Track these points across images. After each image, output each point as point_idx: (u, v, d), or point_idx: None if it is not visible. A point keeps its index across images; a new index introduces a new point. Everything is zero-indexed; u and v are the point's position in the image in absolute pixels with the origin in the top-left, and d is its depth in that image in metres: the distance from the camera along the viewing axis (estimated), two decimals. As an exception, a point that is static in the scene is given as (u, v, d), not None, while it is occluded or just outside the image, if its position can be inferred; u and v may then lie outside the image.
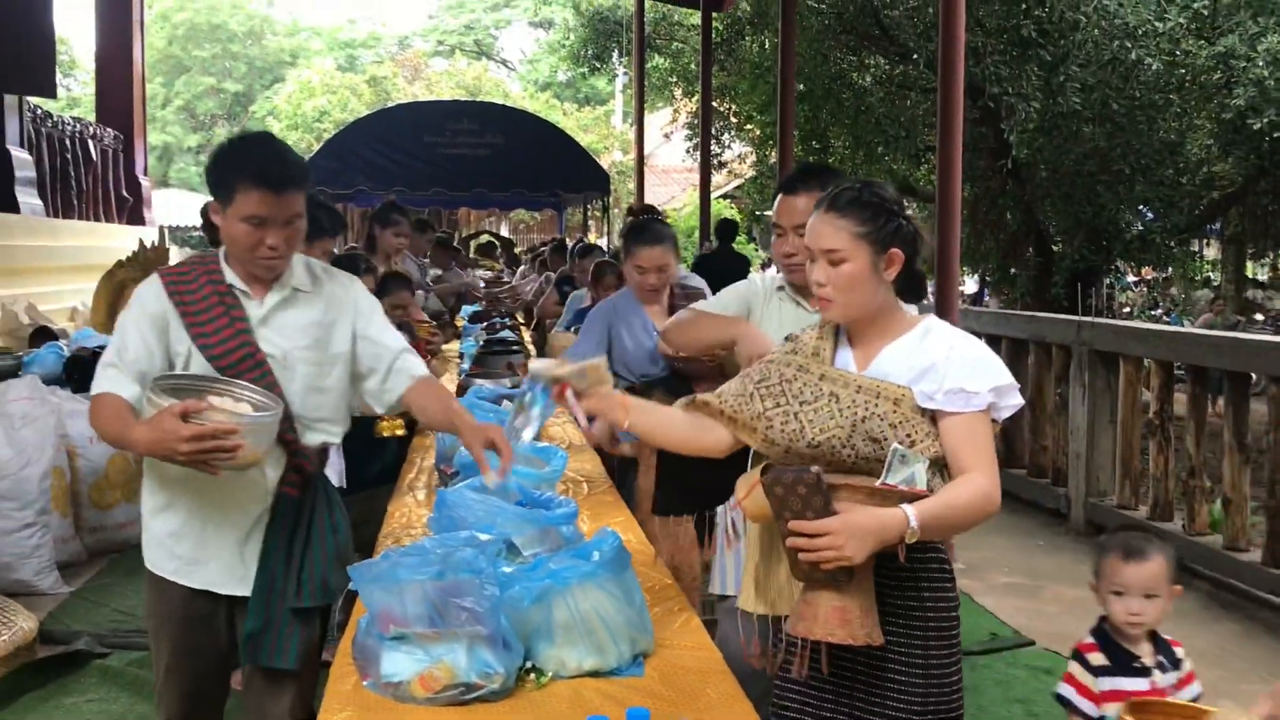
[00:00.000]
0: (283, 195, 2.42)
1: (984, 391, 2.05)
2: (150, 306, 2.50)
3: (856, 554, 1.89)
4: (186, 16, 38.56)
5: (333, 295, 2.64)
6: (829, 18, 12.58)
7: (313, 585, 2.57)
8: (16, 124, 7.92)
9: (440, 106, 15.98)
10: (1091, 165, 10.96)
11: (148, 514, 2.62)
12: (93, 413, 2.46)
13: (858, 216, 2.10)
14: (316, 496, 2.64)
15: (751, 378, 2.21)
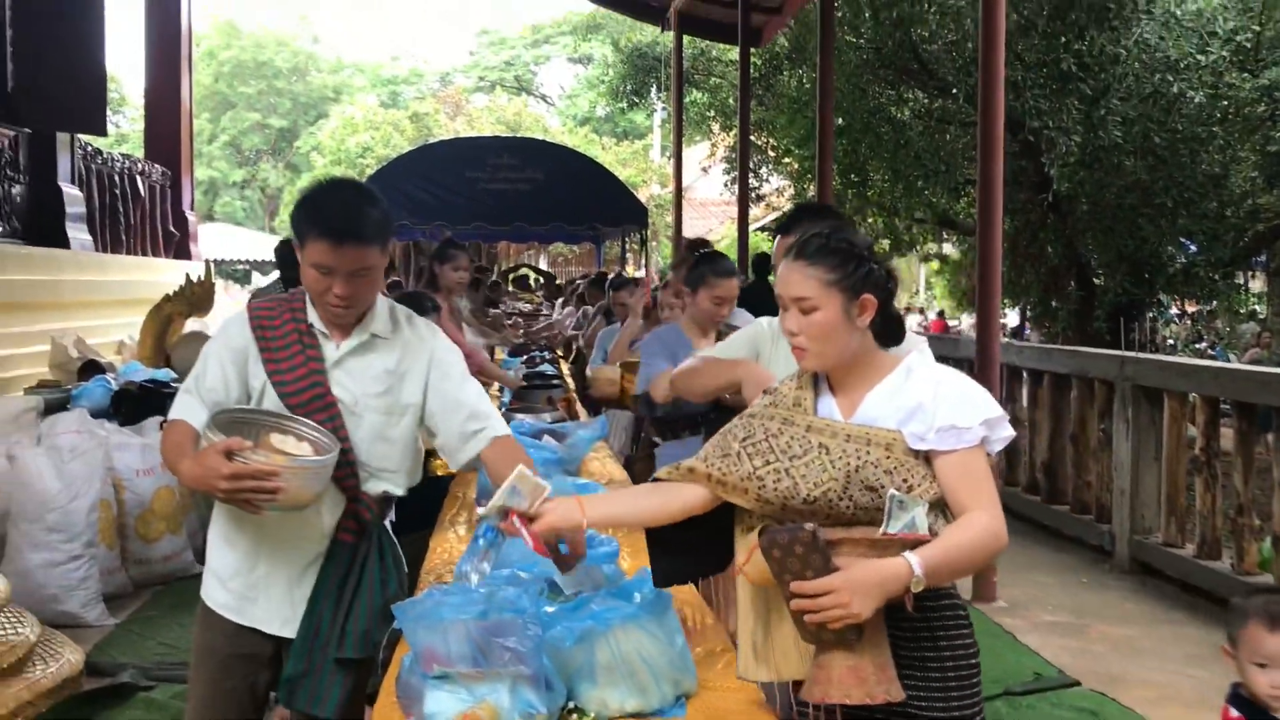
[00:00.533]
0: (343, 247, 2.41)
1: (975, 426, 2.01)
2: (234, 339, 2.55)
3: (863, 609, 1.84)
4: (233, 54, 39.30)
5: (409, 344, 2.63)
6: (867, 52, 12.62)
7: (355, 637, 2.54)
8: (68, 161, 8.08)
9: (481, 142, 16.17)
10: (1133, 198, 10.87)
11: (210, 545, 2.65)
12: (164, 436, 2.51)
13: (827, 264, 2.06)
14: (371, 545, 2.62)
15: (735, 436, 2.14)
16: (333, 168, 29.61)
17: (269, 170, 40.41)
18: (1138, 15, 10.49)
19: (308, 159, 35.90)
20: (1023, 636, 5.38)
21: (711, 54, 18.19)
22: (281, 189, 37.04)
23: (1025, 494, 7.81)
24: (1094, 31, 10.38)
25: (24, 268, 6.61)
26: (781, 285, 2.11)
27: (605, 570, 2.44)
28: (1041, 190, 11.38)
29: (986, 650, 4.99)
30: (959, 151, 12.42)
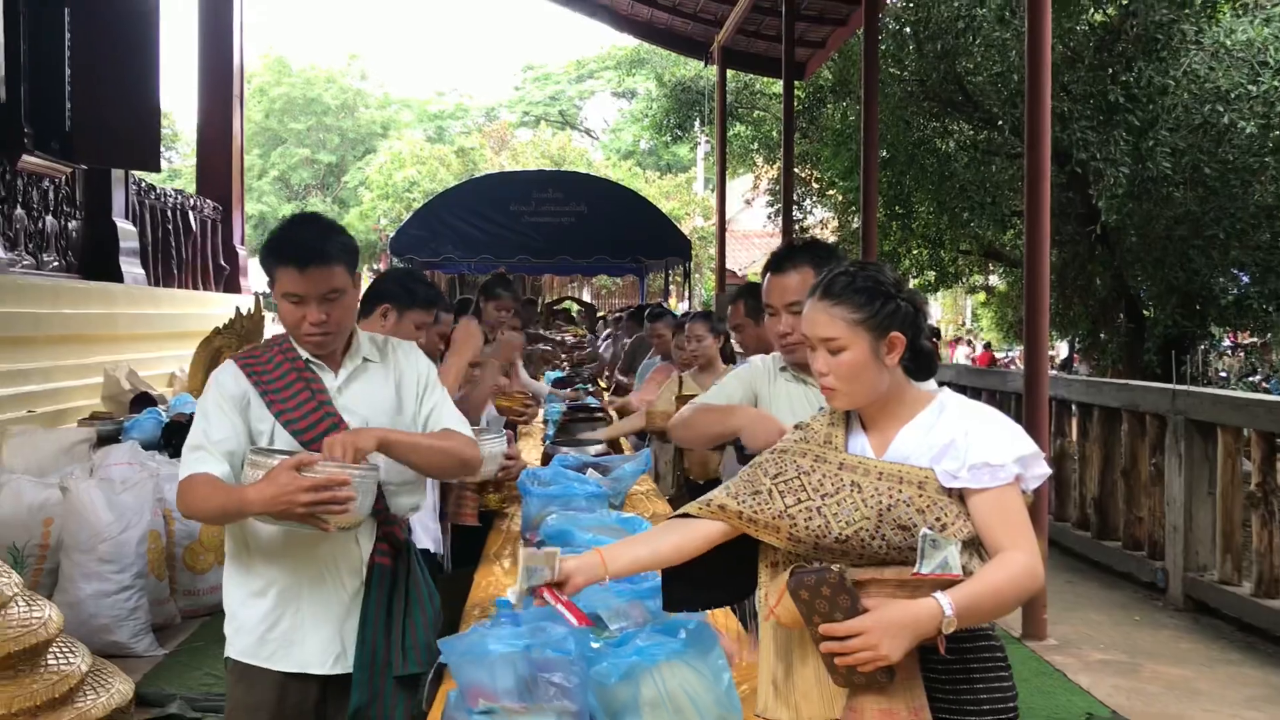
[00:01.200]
0: (309, 270, 2.45)
1: (1009, 463, 1.96)
2: (230, 388, 2.53)
3: (893, 652, 1.79)
4: (283, 91, 39.94)
5: (399, 363, 2.69)
6: (911, 85, 12.62)
7: (417, 651, 2.57)
8: (122, 197, 8.24)
9: (526, 176, 16.31)
10: (1184, 230, 10.75)
11: (235, 605, 2.59)
12: (186, 494, 2.44)
13: (853, 302, 2.02)
14: (411, 563, 2.65)
15: (766, 472, 2.08)
16: (380, 202, 29.98)
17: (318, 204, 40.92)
18: (1186, 46, 10.41)
19: (355, 193, 36.37)
20: (1074, 675, 5.28)
21: (755, 87, 18.26)
22: (330, 223, 37.47)
23: (1075, 529, 7.70)
24: (1142, 63, 10.32)
25: (80, 301, 6.74)
26: (808, 325, 2.08)
27: (649, 605, 2.42)
28: (1089, 222, 11.29)
29: (1037, 689, 4.94)
30: (1005, 183, 12.36)
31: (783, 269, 2.79)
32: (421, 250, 12.43)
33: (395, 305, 3.41)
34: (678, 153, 33.68)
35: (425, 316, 3.47)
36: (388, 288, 3.49)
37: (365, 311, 3.44)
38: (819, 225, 18.04)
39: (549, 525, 3.15)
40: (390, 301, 3.41)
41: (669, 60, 24.69)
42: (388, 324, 3.39)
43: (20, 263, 6.83)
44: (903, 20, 12.80)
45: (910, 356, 2.06)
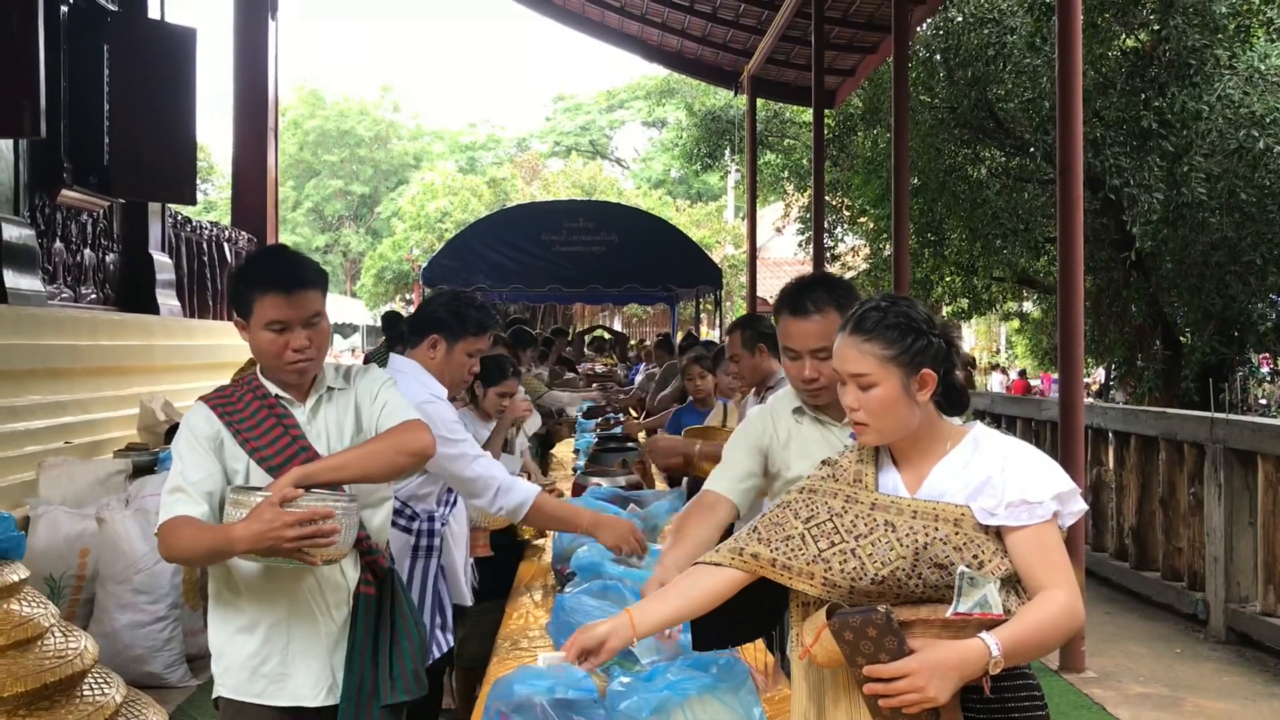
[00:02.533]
0: (295, 295, 2.48)
1: (1047, 500, 1.93)
2: (202, 429, 2.52)
3: (940, 693, 1.78)
4: (317, 123, 40.47)
5: (359, 385, 2.68)
6: (942, 112, 12.61)
7: (405, 680, 2.59)
8: (159, 229, 8.33)
9: (557, 206, 16.38)
10: (1220, 256, 10.65)
11: (222, 642, 2.58)
12: (168, 538, 2.41)
13: (884, 339, 2.00)
14: (395, 591, 2.64)
15: (797, 514, 2.04)
16: (412, 232, 30.19)
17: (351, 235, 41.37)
18: (1220, 71, 10.35)
19: (388, 224, 36.68)
20: (1113, 709, 5.19)
21: (785, 116, 18.30)
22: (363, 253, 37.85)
23: (1113, 560, 7.59)
24: (1175, 88, 10.26)
25: (116, 333, 6.81)
26: (839, 361, 2.06)
27: (681, 639, 2.41)
28: (1124, 248, 11.20)
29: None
30: (1038, 209, 12.30)
31: (806, 312, 2.72)
32: (453, 280, 12.49)
33: (444, 336, 3.35)
34: (708, 181, 33.80)
35: (479, 344, 3.41)
36: (436, 314, 3.41)
37: (413, 343, 3.40)
38: (850, 253, 18.01)
39: (580, 557, 3.14)
40: (439, 331, 3.35)
41: (699, 90, 24.83)
42: (436, 356, 3.34)
43: (59, 295, 6.92)
44: (933, 48, 12.80)
45: (942, 392, 2.04)
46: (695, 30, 14.19)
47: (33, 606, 3.47)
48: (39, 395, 5.70)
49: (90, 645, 3.64)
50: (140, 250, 8.03)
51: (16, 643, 3.26)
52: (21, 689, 3.16)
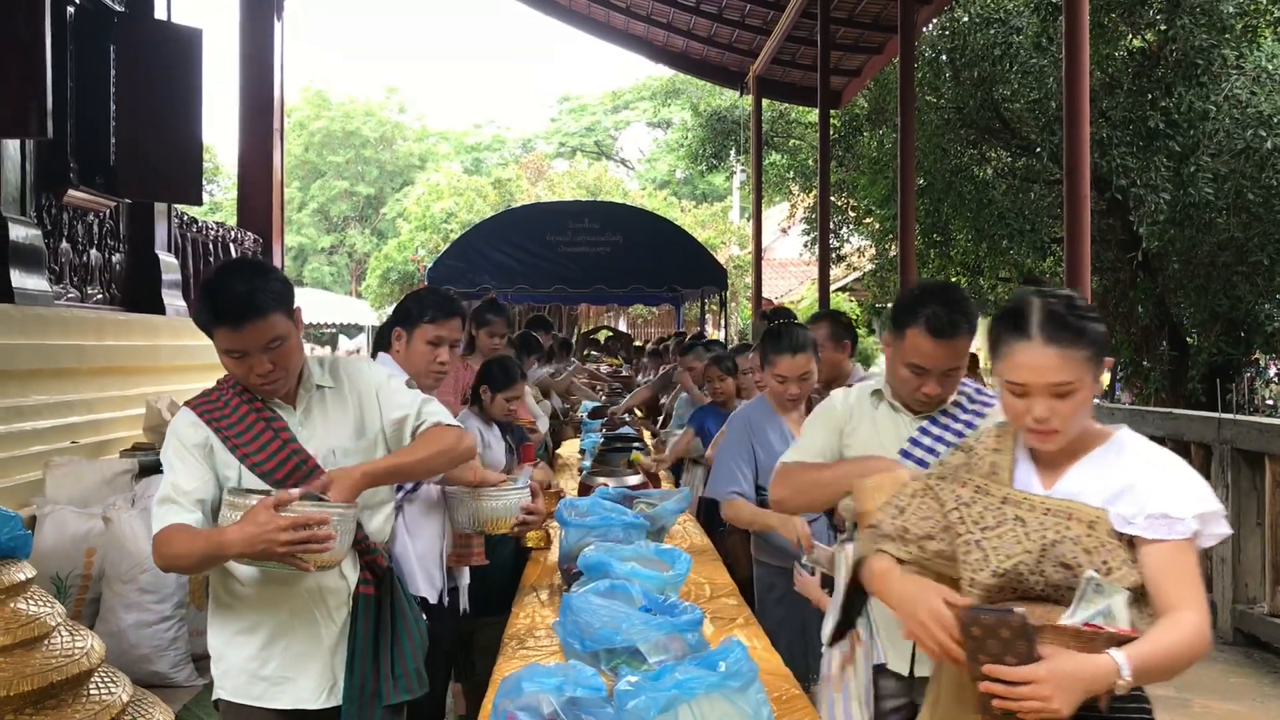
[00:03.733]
0: (244, 327, 2.39)
1: (1189, 518, 1.86)
2: (190, 437, 2.48)
3: (1064, 706, 1.72)
4: (322, 124, 40.49)
5: (354, 380, 2.66)
6: (948, 112, 12.59)
7: (408, 679, 2.58)
8: (165, 230, 8.32)
9: (562, 206, 16.40)
10: (1227, 256, 10.62)
11: (221, 645, 2.56)
12: (163, 547, 2.40)
13: (1080, 339, 1.90)
14: (394, 591, 2.63)
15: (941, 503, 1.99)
16: (418, 233, 30.20)
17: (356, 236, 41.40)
18: (1227, 71, 10.33)
19: (394, 225, 36.71)
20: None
21: (790, 116, 18.30)
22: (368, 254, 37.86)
23: (1120, 560, 7.57)
24: (1182, 88, 10.24)
25: (122, 333, 6.81)
26: (1034, 373, 1.91)
27: (689, 639, 2.40)
28: (1130, 249, 11.18)
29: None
30: (1044, 210, 12.28)
31: (953, 335, 2.58)
32: (459, 281, 12.51)
33: (404, 326, 3.36)
34: (713, 182, 33.77)
35: (439, 330, 3.35)
36: (399, 306, 3.46)
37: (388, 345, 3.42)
38: (856, 253, 18.00)
39: (587, 556, 3.13)
40: (400, 324, 3.37)
41: (704, 90, 24.82)
42: (401, 348, 3.35)
43: (65, 295, 6.92)
44: (939, 48, 12.78)
45: None
46: (701, 31, 14.20)
47: (39, 605, 3.47)
48: (45, 395, 5.70)
49: (97, 644, 3.63)
50: (146, 250, 8.02)
51: (23, 641, 3.26)
52: (28, 688, 3.16)
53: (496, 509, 3.34)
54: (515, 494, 3.38)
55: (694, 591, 3.43)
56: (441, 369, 3.32)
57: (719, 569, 3.81)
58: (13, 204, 6.17)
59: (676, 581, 3.04)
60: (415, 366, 3.31)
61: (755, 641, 2.89)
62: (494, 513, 3.35)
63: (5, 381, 5.31)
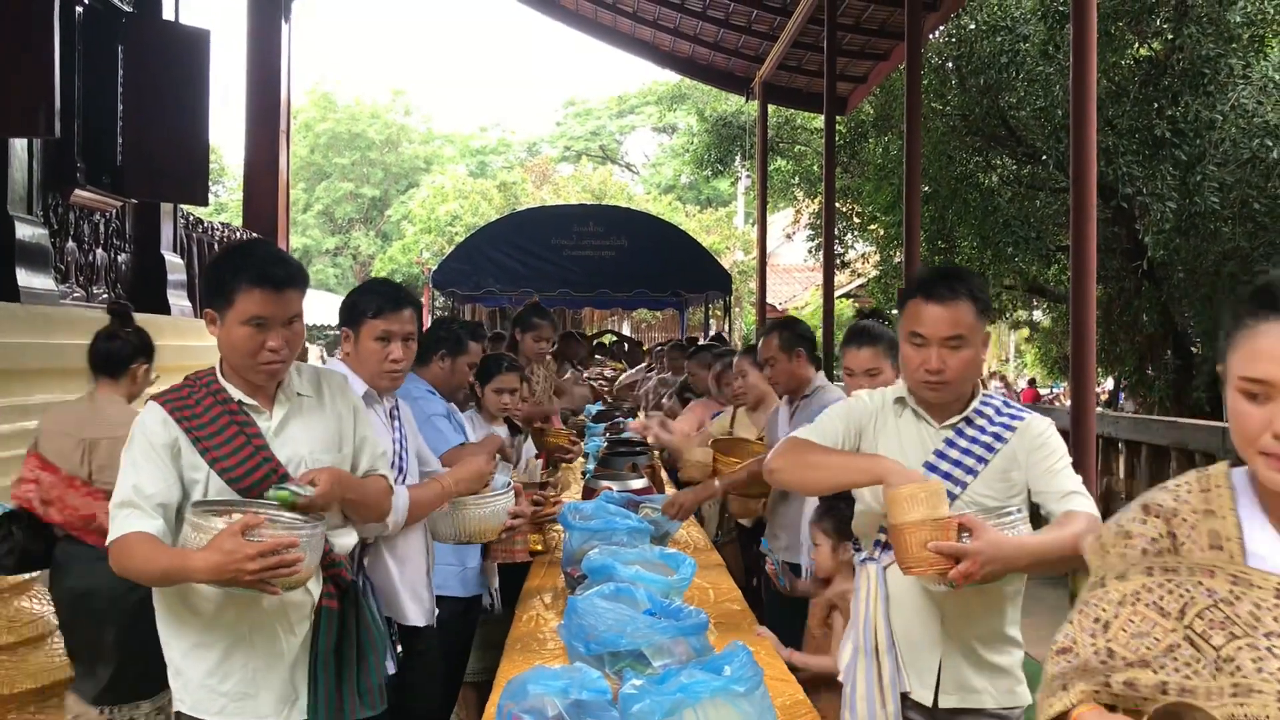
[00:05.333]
0: (284, 294, 2.36)
1: None
2: (158, 436, 2.35)
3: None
4: (328, 126, 40.54)
5: (333, 396, 2.59)
6: (954, 119, 12.59)
7: (371, 695, 2.50)
8: (170, 230, 8.34)
9: (567, 210, 16.41)
10: (1232, 266, 10.61)
11: (178, 657, 2.42)
12: (121, 557, 2.27)
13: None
14: (358, 603, 2.54)
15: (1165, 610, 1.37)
16: (422, 235, 30.27)
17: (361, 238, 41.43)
18: (1234, 80, 10.33)
19: (398, 227, 36.76)
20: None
21: (796, 122, 18.30)
22: (373, 256, 37.93)
23: (1123, 569, 7.56)
24: (1188, 97, 10.24)
25: (127, 333, 6.82)
26: (1269, 366, 1.38)
27: (693, 643, 2.40)
28: (1135, 257, 11.18)
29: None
30: (1049, 218, 12.28)
31: (941, 298, 2.46)
32: (463, 284, 12.53)
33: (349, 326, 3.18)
34: (718, 187, 33.78)
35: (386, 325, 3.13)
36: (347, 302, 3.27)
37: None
38: (860, 259, 18.00)
39: (591, 560, 3.13)
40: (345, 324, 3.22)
41: (710, 95, 24.84)
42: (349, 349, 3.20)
43: (71, 294, 6.93)
44: (945, 55, 12.79)
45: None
46: (707, 36, 14.21)
47: (43, 604, 3.48)
48: (50, 394, 5.70)
49: (100, 641, 3.64)
50: (152, 250, 8.03)
51: (27, 640, 3.27)
52: (32, 685, 3.17)
53: (484, 517, 3.30)
54: (501, 499, 3.32)
55: (698, 596, 3.43)
56: (395, 367, 3.06)
57: (723, 574, 3.81)
58: (20, 203, 6.18)
59: (681, 585, 3.04)
60: (366, 368, 3.08)
61: (759, 647, 2.88)
62: (480, 521, 3.31)
63: (10, 380, 5.31)
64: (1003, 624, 2.56)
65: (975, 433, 2.52)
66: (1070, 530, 2.30)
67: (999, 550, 2.20)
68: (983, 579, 2.20)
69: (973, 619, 2.53)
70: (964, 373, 2.49)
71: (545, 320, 5.54)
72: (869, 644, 2.55)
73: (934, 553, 2.17)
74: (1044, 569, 2.37)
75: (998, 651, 2.55)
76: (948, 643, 2.52)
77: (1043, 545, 2.29)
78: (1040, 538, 2.32)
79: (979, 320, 2.49)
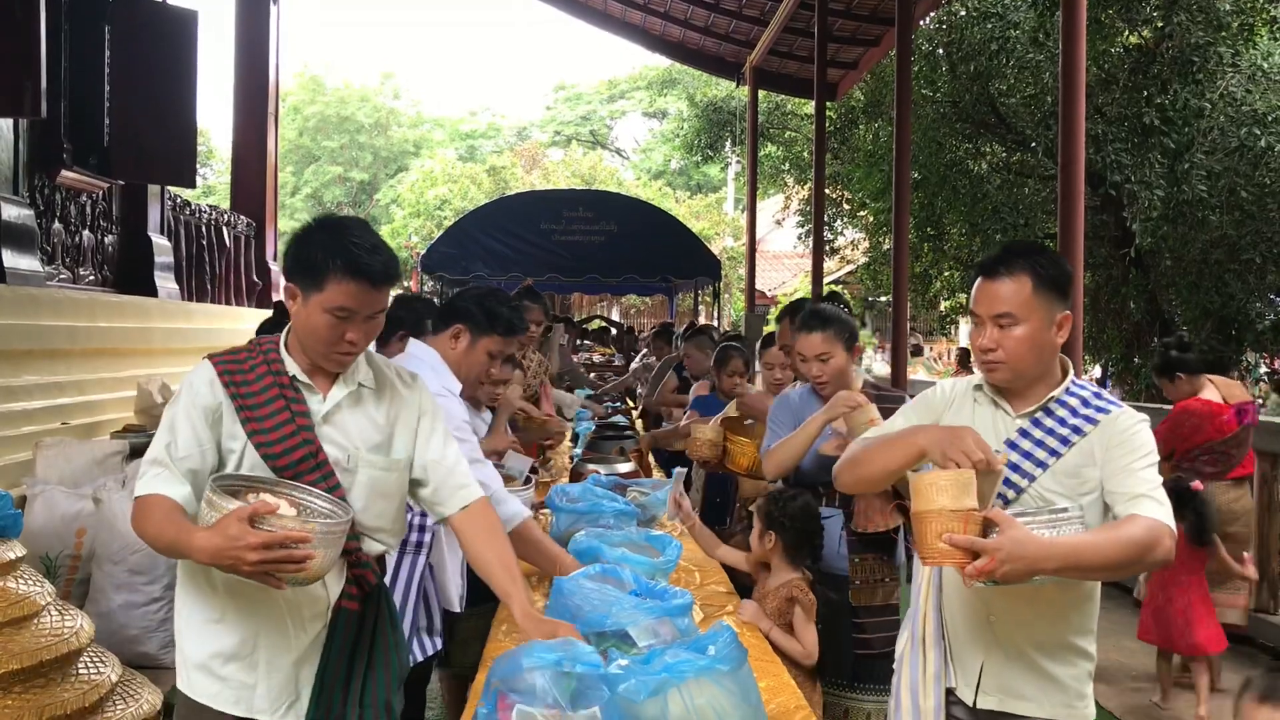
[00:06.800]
0: (379, 289, 2.24)
1: None
2: (203, 397, 2.25)
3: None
4: (317, 109, 40.37)
5: (398, 394, 2.44)
6: (944, 106, 12.60)
7: (376, 710, 2.33)
8: (158, 212, 8.30)
9: (557, 195, 16.38)
10: (1219, 254, 10.66)
11: (188, 629, 2.32)
12: (139, 516, 2.17)
13: None
14: (379, 611, 2.39)
15: None
16: (411, 219, 30.18)
17: (349, 223, 41.31)
18: (1223, 69, 10.35)
19: (387, 211, 36.66)
20: (1105, 701, 5.20)
21: (786, 108, 18.30)
22: (361, 240, 37.80)
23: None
24: (1177, 85, 10.27)
25: (114, 315, 6.80)
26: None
27: (679, 623, 2.41)
28: (1123, 245, 11.21)
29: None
30: (1038, 205, 12.31)
31: (993, 273, 2.35)
32: (452, 268, 12.50)
33: (470, 329, 3.31)
34: (708, 173, 33.77)
35: (505, 346, 3.36)
36: (466, 306, 3.37)
37: (437, 328, 3.37)
38: (850, 246, 18.02)
39: (577, 541, 3.14)
40: (465, 323, 3.32)
41: (700, 80, 24.81)
42: (458, 348, 3.31)
43: (58, 276, 6.91)
44: (935, 42, 12.79)
45: None
46: (698, 21, 14.18)
47: (29, 584, 3.47)
48: (36, 376, 5.69)
49: (86, 624, 3.64)
50: (139, 232, 8.00)
51: (12, 620, 3.26)
52: (16, 666, 3.16)
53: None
54: (524, 494, 3.35)
55: (684, 578, 3.44)
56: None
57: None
58: (5, 184, 6.15)
59: (667, 567, 3.06)
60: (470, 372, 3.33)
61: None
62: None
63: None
64: (1066, 631, 2.40)
65: (1054, 424, 2.35)
66: (1121, 535, 2.14)
67: (1021, 549, 2.02)
68: (1003, 579, 2.03)
69: (1026, 622, 2.37)
70: (1022, 353, 2.33)
71: (537, 303, 5.52)
72: (918, 634, 2.48)
73: (949, 545, 2.05)
74: (1082, 574, 2.22)
75: (1059, 661, 2.39)
76: (993, 643, 2.40)
77: (1077, 548, 2.10)
78: (1077, 540, 2.12)
79: (1041, 297, 2.32)
